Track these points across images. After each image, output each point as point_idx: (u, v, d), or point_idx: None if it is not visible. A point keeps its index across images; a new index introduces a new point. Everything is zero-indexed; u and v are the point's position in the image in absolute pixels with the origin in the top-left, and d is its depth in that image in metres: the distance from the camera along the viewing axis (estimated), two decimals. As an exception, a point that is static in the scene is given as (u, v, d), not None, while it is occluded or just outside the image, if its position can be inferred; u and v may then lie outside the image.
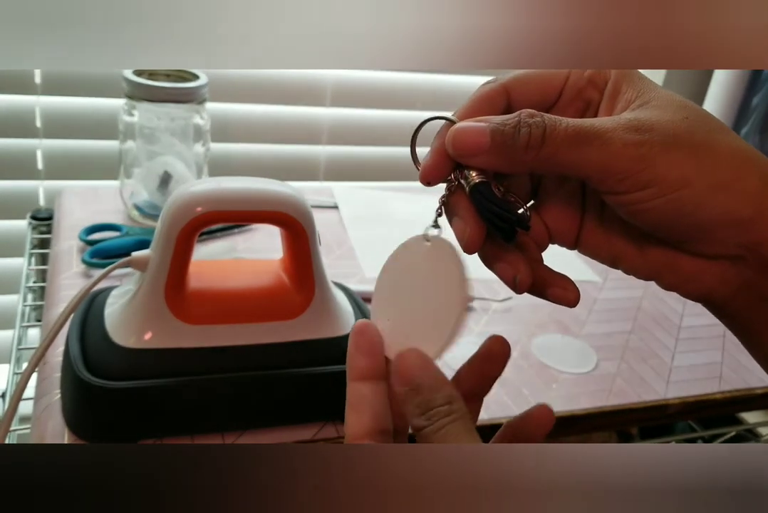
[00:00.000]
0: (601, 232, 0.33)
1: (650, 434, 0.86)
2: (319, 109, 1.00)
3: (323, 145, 1.03)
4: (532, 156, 0.28)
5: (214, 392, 0.45)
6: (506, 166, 0.29)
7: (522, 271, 0.31)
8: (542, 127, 0.28)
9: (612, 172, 0.28)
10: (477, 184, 0.30)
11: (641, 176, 0.28)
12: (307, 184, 1.04)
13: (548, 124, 0.28)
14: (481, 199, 0.30)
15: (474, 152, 0.29)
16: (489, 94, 0.31)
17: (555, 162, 0.28)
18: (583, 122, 0.28)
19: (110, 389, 0.43)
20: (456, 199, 0.31)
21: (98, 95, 0.89)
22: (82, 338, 0.46)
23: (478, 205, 0.30)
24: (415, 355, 0.29)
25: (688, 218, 0.28)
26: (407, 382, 0.29)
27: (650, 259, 0.31)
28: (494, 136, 0.28)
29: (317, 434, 0.48)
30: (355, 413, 0.31)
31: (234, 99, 0.95)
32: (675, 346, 0.66)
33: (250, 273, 0.50)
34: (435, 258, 0.32)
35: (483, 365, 0.33)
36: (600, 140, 0.28)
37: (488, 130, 0.29)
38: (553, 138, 0.28)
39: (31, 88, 0.86)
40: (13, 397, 0.42)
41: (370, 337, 0.33)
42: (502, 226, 0.29)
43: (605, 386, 0.58)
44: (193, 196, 0.43)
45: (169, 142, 0.72)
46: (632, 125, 0.28)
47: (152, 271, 0.44)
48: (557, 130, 0.28)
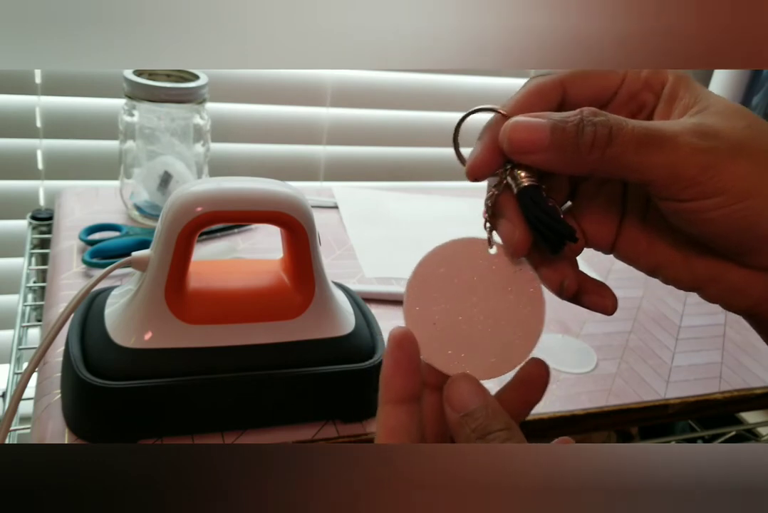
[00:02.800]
0: (641, 239, 0.31)
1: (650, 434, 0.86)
2: (319, 110, 1.00)
3: (323, 145, 1.03)
4: (596, 156, 0.27)
5: (214, 392, 0.45)
6: (565, 165, 0.28)
7: (569, 276, 0.30)
8: (608, 126, 0.27)
9: (678, 179, 0.27)
10: (527, 187, 0.28)
11: (708, 184, 0.26)
12: (307, 184, 1.04)
13: (614, 123, 0.27)
14: (531, 204, 0.28)
15: (532, 149, 0.27)
16: (543, 88, 0.30)
17: (619, 164, 0.27)
18: (651, 124, 0.27)
19: (110, 389, 0.43)
20: (504, 200, 0.30)
21: (98, 95, 0.89)
22: (83, 338, 0.46)
23: (525, 211, 0.28)
24: (468, 381, 0.29)
25: (751, 229, 0.27)
26: (462, 409, 0.28)
27: (695, 269, 0.30)
28: (555, 134, 0.27)
29: (317, 434, 0.48)
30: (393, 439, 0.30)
31: (234, 99, 0.95)
32: (675, 346, 0.66)
33: (250, 273, 0.50)
34: (502, 268, 0.30)
35: (523, 390, 0.32)
36: (669, 144, 0.26)
37: (548, 126, 0.27)
38: (620, 139, 0.26)
39: (31, 88, 0.86)
40: (13, 397, 0.42)
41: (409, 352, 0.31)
42: (550, 237, 0.28)
43: (605, 386, 0.58)
44: (193, 196, 0.43)
45: (170, 142, 0.72)
46: (699, 130, 0.27)
47: (152, 271, 0.44)
48: (624, 131, 0.27)
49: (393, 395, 0.31)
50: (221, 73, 0.91)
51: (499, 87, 1.07)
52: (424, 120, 1.06)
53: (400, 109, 1.04)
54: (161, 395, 0.44)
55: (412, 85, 1.02)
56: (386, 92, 1.02)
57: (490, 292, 0.30)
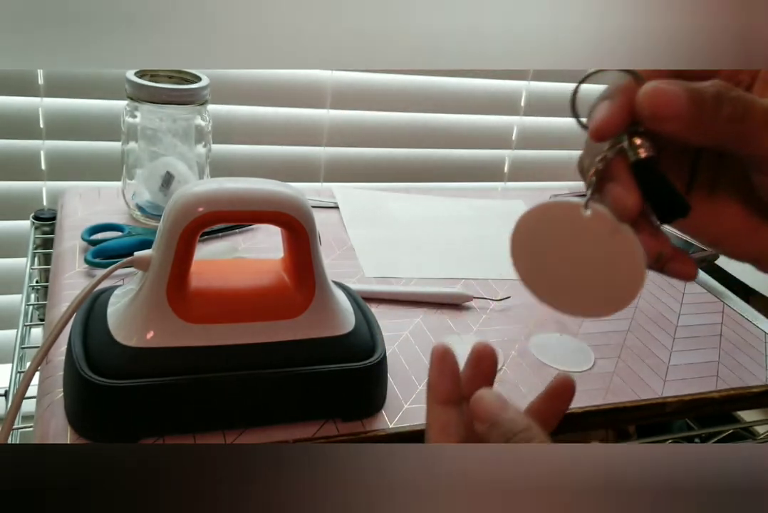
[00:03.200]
0: (708, 211, 0.32)
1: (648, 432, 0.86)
2: (319, 111, 1.01)
3: (324, 146, 1.03)
4: (732, 130, 0.27)
5: (215, 390, 0.46)
6: (694, 135, 0.28)
7: (668, 246, 0.31)
8: (743, 101, 0.27)
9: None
10: (649, 158, 0.29)
11: None
12: (307, 185, 1.04)
13: (747, 99, 0.27)
14: (650, 175, 0.29)
15: (670, 117, 0.27)
16: None
17: (747, 139, 0.27)
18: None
19: (112, 388, 0.43)
20: (617, 164, 0.30)
21: (101, 97, 0.89)
22: (85, 337, 0.46)
23: (643, 181, 0.29)
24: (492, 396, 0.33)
25: None
26: (488, 420, 0.32)
27: (762, 241, 0.31)
28: (694, 104, 0.27)
29: (318, 432, 0.48)
30: (444, 437, 0.35)
31: (235, 101, 0.96)
32: (672, 344, 0.66)
33: (251, 272, 0.50)
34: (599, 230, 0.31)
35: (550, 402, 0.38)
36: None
37: (687, 96, 0.27)
38: (752, 114, 0.27)
39: (34, 89, 0.87)
40: (16, 396, 0.43)
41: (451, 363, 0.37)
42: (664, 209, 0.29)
43: (603, 385, 0.59)
44: (194, 196, 0.44)
45: (171, 143, 0.72)
46: None
47: (154, 271, 0.45)
48: (755, 107, 0.27)
49: (440, 397, 0.36)
50: (223, 75, 0.91)
51: (500, 87, 1.08)
52: (423, 121, 1.07)
53: (399, 110, 1.04)
54: (163, 394, 0.44)
55: (412, 86, 1.03)
56: (386, 94, 1.02)
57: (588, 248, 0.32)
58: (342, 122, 1.02)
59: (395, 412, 0.51)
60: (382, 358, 0.50)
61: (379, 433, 0.49)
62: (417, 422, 0.51)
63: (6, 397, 0.61)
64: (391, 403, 0.52)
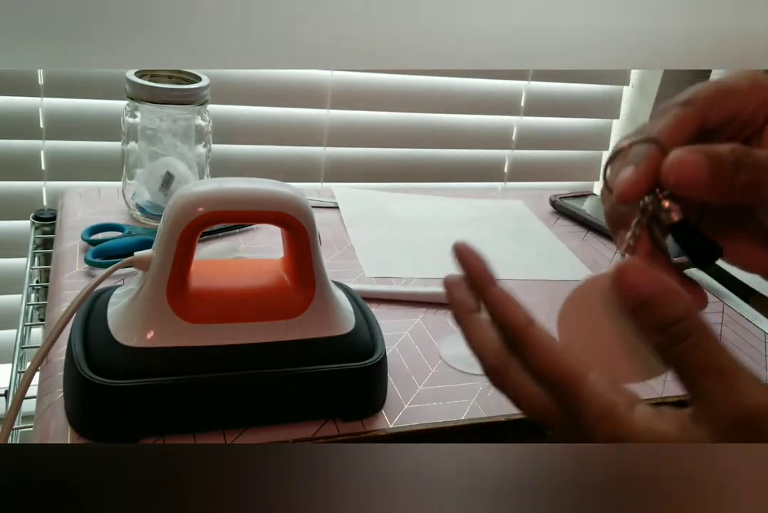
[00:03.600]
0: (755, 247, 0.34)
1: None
2: (319, 111, 1.01)
3: (324, 146, 1.03)
4: (749, 193, 0.29)
5: (215, 390, 0.46)
6: (716, 198, 0.30)
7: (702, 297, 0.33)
8: (759, 166, 0.29)
9: None
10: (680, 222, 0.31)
11: None
12: (307, 185, 1.04)
13: (763, 164, 0.29)
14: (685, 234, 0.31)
15: (693, 186, 0.29)
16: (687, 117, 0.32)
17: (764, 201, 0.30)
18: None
19: (113, 387, 0.43)
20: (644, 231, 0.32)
21: (101, 97, 0.89)
22: (85, 337, 0.46)
23: (679, 239, 0.32)
24: (640, 267, 0.29)
25: None
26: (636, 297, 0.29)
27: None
28: (714, 172, 0.29)
29: (318, 432, 0.48)
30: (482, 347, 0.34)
31: (235, 101, 0.96)
32: (672, 345, 0.66)
33: (252, 272, 0.50)
34: None
35: None
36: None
37: (708, 165, 0.29)
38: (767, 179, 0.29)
39: (34, 89, 0.87)
40: (16, 396, 0.43)
41: None
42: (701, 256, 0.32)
43: (603, 385, 0.59)
44: (195, 196, 0.44)
45: (171, 143, 0.72)
46: None
47: (154, 271, 0.45)
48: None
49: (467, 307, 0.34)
50: (223, 75, 0.91)
51: (500, 87, 1.08)
52: (423, 121, 1.07)
53: (399, 110, 1.04)
54: (163, 394, 0.45)
55: (412, 86, 1.03)
56: (386, 94, 1.02)
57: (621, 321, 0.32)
58: (342, 122, 1.02)
59: (395, 412, 0.51)
60: (382, 358, 0.50)
61: (379, 433, 0.49)
62: (417, 422, 0.51)
63: (6, 397, 0.61)
64: (391, 403, 0.52)
